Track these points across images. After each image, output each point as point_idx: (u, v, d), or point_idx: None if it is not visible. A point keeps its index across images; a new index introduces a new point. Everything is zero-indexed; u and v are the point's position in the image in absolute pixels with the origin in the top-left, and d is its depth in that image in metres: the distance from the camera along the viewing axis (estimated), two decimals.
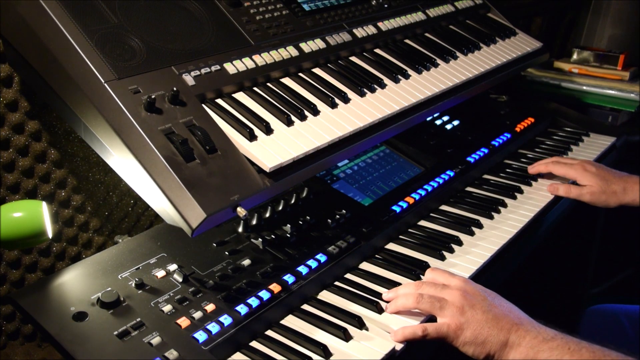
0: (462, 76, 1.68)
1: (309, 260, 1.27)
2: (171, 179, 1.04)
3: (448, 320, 1.10)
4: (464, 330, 1.08)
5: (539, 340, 1.04)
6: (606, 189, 1.60)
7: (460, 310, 1.10)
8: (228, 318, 1.09)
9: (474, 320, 1.08)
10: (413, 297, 1.15)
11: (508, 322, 1.08)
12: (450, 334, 1.10)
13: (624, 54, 2.45)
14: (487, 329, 1.07)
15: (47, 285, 1.10)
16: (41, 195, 1.38)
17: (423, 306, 1.13)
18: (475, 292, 1.14)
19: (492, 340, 1.07)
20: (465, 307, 1.10)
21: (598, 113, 2.32)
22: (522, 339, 1.06)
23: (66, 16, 1.12)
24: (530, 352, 1.03)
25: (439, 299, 1.13)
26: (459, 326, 1.09)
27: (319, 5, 1.59)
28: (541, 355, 1.02)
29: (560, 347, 1.02)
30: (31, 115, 1.32)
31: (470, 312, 1.09)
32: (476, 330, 1.08)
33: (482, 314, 1.09)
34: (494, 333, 1.07)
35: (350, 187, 1.57)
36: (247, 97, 1.29)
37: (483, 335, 1.07)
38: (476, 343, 1.08)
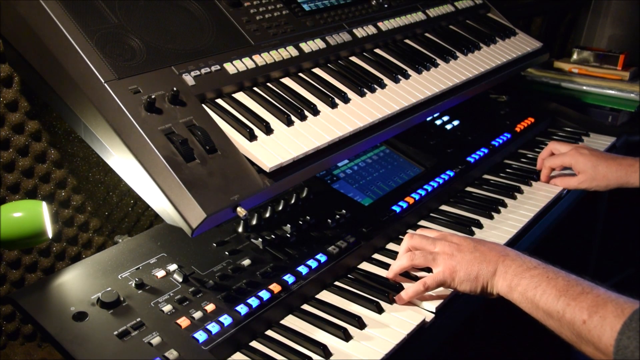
0: (462, 76, 1.68)
1: (309, 260, 1.27)
2: (171, 179, 1.04)
3: (442, 267, 1.21)
4: (458, 272, 1.19)
5: (522, 269, 1.14)
6: (596, 174, 1.65)
7: (450, 256, 1.21)
8: (228, 318, 1.09)
9: (463, 261, 1.19)
10: (406, 256, 1.25)
11: (494, 255, 1.18)
12: (446, 279, 1.20)
13: (624, 54, 2.45)
14: (476, 265, 1.18)
15: (47, 285, 1.10)
16: (41, 195, 1.38)
17: (417, 261, 1.24)
18: (459, 238, 1.25)
19: (483, 274, 1.17)
20: (454, 252, 1.21)
21: (598, 113, 2.32)
22: (509, 267, 1.15)
23: (66, 16, 1.12)
24: (515, 279, 1.13)
25: (430, 252, 1.24)
26: (452, 269, 1.20)
27: (319, 5, 1.59)
28: (523, 281, 1.12)
29: (540, 274, 1.11)
30: (31, 115, 1.32)
31: (459, 255, 1.20)
32: (468, 269, 1.18)
33: (470, 253, 1.20)
34: (483, 267, 1.18)
35: (350, 187, 1.57)
36: (247, 97, 1.29)
37: (474, 271, 1.18)
38: (470, 279, 1.18)
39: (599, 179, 1.65)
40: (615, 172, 1.63)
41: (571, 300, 1.04)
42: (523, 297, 1.12)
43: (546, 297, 1.07)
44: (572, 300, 1.04)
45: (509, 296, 1.15)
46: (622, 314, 0.97)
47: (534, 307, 1.10)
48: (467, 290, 1.19)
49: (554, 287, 1.08)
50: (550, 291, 1.08)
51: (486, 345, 2.38)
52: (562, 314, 1.04)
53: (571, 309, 1.03)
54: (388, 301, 1.23)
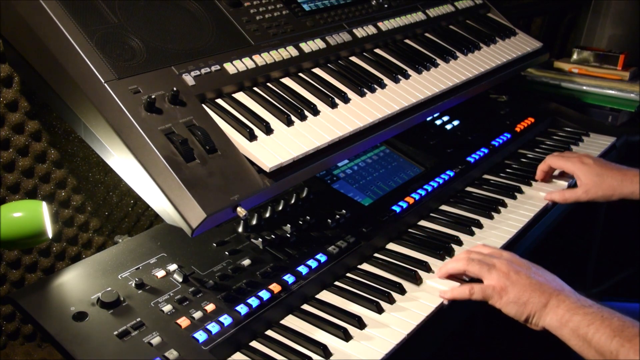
0: (462, 76, 1.68)
1: (309, 260, 1.27)
2: (171, 179, 1.04)
3: (494, 282, 1.19)
4: (508, 292, 1.17)
5: (576, 306, 1.12)
6: (601, 184, 1.59)
7: (506, 275, 1.19)
8: (228, 318, 1.09)
9: (518, 284, 1.17)
10: (464, 260, 1.24)
11: (550, 287, 1.16)
12: (494, 295, 1.18)
13: (624, 54, 2.45)
14: (529, 292, 1.16)
15: (47, 285, 1.10)
16: (41, 195, 1.38)
17: (472, 268, 1.22)
18: (521, 262, 1.23)
19: (533, 302, 1.15)
20: (511, 273, 1.19)
21: (598, 113, 2.32)
22: (562, 302, 1.13)
23: (66, 16, 1.12)
24: (566, 315, 1.11)
25: (487, 263, 1.22)
26: (504, 288, 1.17)
27: (319, 5, 1.59)
28: (575, 318, 1.10)
29: (594, 313, 1.09)
30: (31, 115, 1.32)
31: (515, 276, 1.18)
32: (519, 292, 1.16)
33: (526, 279, 1.18)
34: (535, 295, 1.15)
35: (350, 187, 1.57)
36: (247, 97, 1.29)
37: (525, 297, 1.15)
38: (518, 303, 1.16)
39: (605, 188, 1.59)
40: (620, 183, 1.58)
41: (626, 342, 1.02)
42: (574, 334, 1.09)
43: (599, 335, 1.05)
44: (627, 342, 1.02)
45: (559, 331, 1.12)
46: None
47: (586, 345, 1.07)
48: (512, 313, 1.17)
49: (608, 327, 1.05)
50: (604, 330, 1.05)
51: (486, 346, 2.38)
52: (616, 354, 1.02)
53: (625, 350, 1.01)
54: (388, 301, 1.23)
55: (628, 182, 1.57)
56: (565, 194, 1.64)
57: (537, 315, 1.15)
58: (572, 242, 2.38)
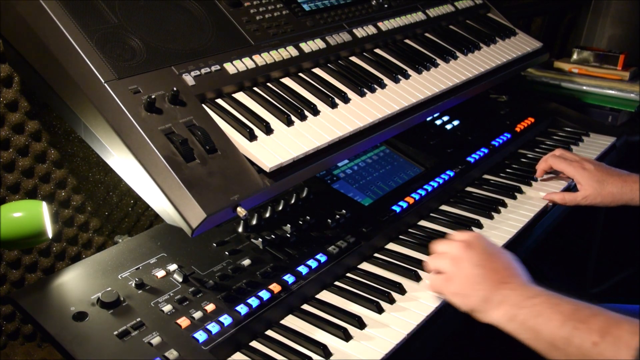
0: (462, 76, 1.68)
1: (309, 260, 1.27)
2: (171, 179, 1.04)
3: (443, 269, 1.16)
4: (454, 282, 1.13)
5: (522, 298, 1.06)
6: (601, 191, 1.58)
7: (454, 261, 1.15)
8: (228, 318, 1.09)
9: (461, 274, 1.13)
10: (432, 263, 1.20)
11: (495, 280, 1.10)
12: (442, 286, 1.16)
13: (624, 54, 2.45)
14: (470, 285, 1.11)
15: (47, 285, 1.10)
16: (41, 195, 1.38)
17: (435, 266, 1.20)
18: (477, 246, 1.16)
19: (475, 295, 1.10)
20: (458, 260, 1.14)
21: (598, 113, 2.32)
22: (507, 297, 1.07)
23: (66, 16, 1.12)
24: (512, 310, 1.05)
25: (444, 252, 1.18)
26: (449, 277, 1.14)
27: (319, 5, 1.59)
28: (523, 310, 1.04)
29: (541, 303, 1.03)
30: (31, 115, 1.32)
31: (460, 265, 1.14)
32: (462, 284, 1.12)
33: (471, 268, 1.12)
34: (476, 289, 1.10)
35: (350, 187, 1.57)
36: (247, 97, 1.29)
37: (467, 289, 1.11)
38: (461, 295, 1.12)
39: (605, 194, 1.58)
40: (621, 189, 1.56)
41: (579, 324, 0.97)
42: (523, 327, 1.03)
43: (550, 324, 0.99)
44: (580, 324, 0.97)
45: (506, 327, 1.06)
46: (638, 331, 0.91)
47: (536, 337, 1.02)
48: (459, 304, 1.13)
49: (559, 313, 1.00)
50: (554, 317, 1.00)
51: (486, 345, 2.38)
52: (569, 339, 0.97)
53: (580, 332, 0.96)
54: (388, 301, 1.23)
55: (628, 189, 1.56)
56: (565, 196, 1.63)
57: (480, 310, 1.09)
58: (572, 242, 2.38)
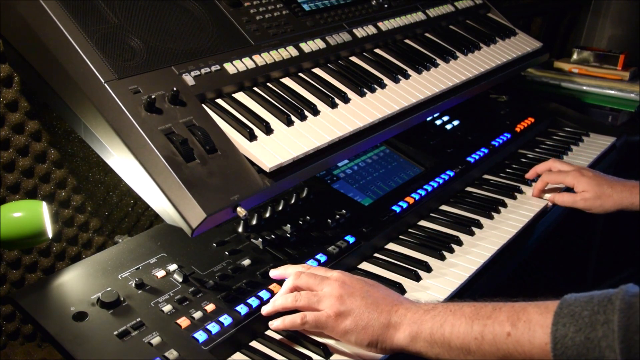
0: (462, 76, 1.68)
1: (309, 260, 1.27)
2: (171, 179, 1.04)
3: (328, 310, 1.07)
4: (345, 319, 1.06)
5: (419, 314, 1.04)
6: (601, 194, 1.58)
7: (339, 299, 1.07)
8: (228, 318, 1.09)
9: (353, 307, 1.06)
10: (291, 296, 1.11)
11: (387, 303, 1.07)
12: (330, 323, 1.06)
13: (624, 54, 2.45)
14: (367, 314, 1.05)
15: (47, 285, 1.10)
16: (41, 195, 1.38)
17: (300, 303, 1.10)
18: (352, 281, 1.11)
19: (373, 324, 1.05)
20: (344, 296, 1.07)
21: (598, 113, 2.32)
22: (403, 316, 1.04)
23: (66, 16, 1.12)
24: (413, 327, 1.03)
25: (315, 294, 1.10)
26: (339, 314, 1.06)
27: (319, 5, 1.59)
28: (425, 325, 1.02)
29: (442, 312, 1.02)
30: (31, 115, 1.32)
31: (349, 300, 1.07)
32: (357, 317, 1.05)
33: (361, 299, 1.07)
34: (374, 317, 1.05)
35: (350, 187, 1.57)
36: (247, 97, 1.29)
37: (364, 320, 1.05)
38: (357, 329, 1.05)
39: (604, 197, 1.57)
40: (620, 193, 1.56)
41: (486, 320, 0.96)
42: (430, 342, 1.01)
43: (457, 329, 0.98)
44: (487, 320, 0.96)
45: (413, 347, 1.03)
46: (546, 310, 0.91)
47: (447, 348, 0.99)
48: (352, 341, 1.06)
49: (463, 316, 0.99)
50: (460, 321, 0.98)
51: None
52: (481, 338, 0.95)
53: (490, 327, 0.95)
54: None
55: (627, 194, 1.56)
56: (564, 196, 1.63)
57: (381, 339, 1.04)
58: (572, 242, 2.38)
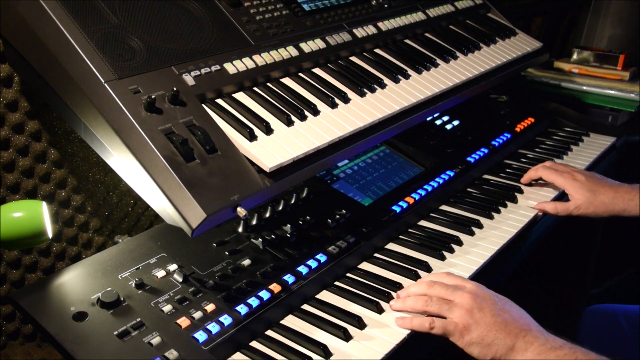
0: (462, 76, 1.68)
1: (309, 260, 1.27)
2: (171, 179, 1.04)
3: (456, 319, 1.11)
4: (471, 331, 1.10)
5: (546, 348, 1.05)
6: (593, 200, 1.57)
7: (469, 312, 1.11)
8: (228, 318, 1.09)
9: (482, 322, 1.10)
10: (422, 300, 1.16)
11: (516, 327, 1.09)
12: (456, 333, 1.11)
13: (624, 54, 2.46)
14: (494, 332, 1.08)
15: (47, 285, 1.10)
16: (41, 195, 1.38)
17: (431, 309, 1.14)
18: (485, 296, 1.15)
19: (498, 343, 1.08)
20: (475, 310, 1.11)
21: (598, 113, 2.32)
22: (530, 344, 1.06)
23: (66, 16, 1.12)
24: (538, 357, 1.04)
25: (447, 302, 1.14)
26: (466, 327, 1.10)
27: (319, 5, 1.59)
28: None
29: (567, 355, 1.02)
30: (31, 115, 1.32)
31: (479, 314, 1.10)
32: (483, 332, 1.09)
33: (491, 317, 1.10)
34: (501, 336, 1.08)
35: (350, 187, 1.57)
36: (247, 97, 1.29)
37: (490, 337, 1.08)
38: (482, 344, 1.09)
39: (597, 204, 1.57)
40: (612, 200, 1.56)
41: None
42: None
43: None
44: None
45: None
46: None
47: None
48: (475, 354, 1.10)
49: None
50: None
51: None
52: None
53: None
54: (388, 301, 1.23)
55: (620, 199, 1.55)
56: (558, 206, 1.61)
57: (502, 358, 1.08)
58: (572, 242, 2.38)
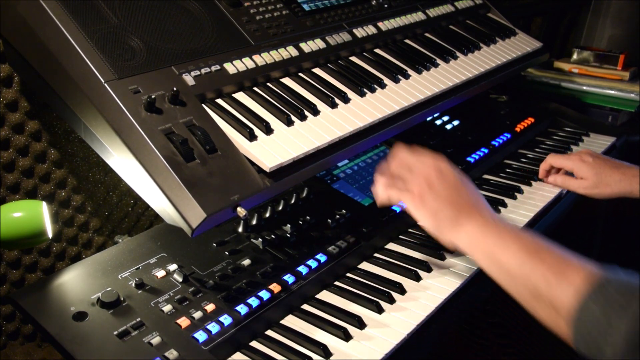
0: (462, 76, 1.68)
1: (309, 260, 1.27)
2: (171, 179, 1.04)
3: (415, 190, 1.17)
4: (425, 202, 1.15)
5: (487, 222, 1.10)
6: (599, 183, 1.61)
7: (430, 184, 1.16)
8: (228, 318, 1.09)
9: (437, 195, 1.15)
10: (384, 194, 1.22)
11: (468, 204, 1.14)
12: (411, 203, 1.17)
13: (624, 54, 2.45)
14: (445, 206, 1.14)
15: (47, 285, 1.10)
16: (41, 195, 1.38)
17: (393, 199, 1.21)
18: (447, 170, 1.19)
19: (447, 216, 1.13)
20: (432, 178, 1.17)
21: (598, 113, 2.31)
22: (474, 220, 1.11)
23: (66, 16, 1.12)
24: (478, 235, 1.09)
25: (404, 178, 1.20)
26: (422, 197, 1.16)
27: (319, 5, 1.59)
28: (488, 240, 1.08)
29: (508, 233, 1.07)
30: (31, 115, 1.32)
31: (435, 187, 1.16)
32: (435, 204, 1.14)
33: (445, 190, 1.15)
34: (450, 211, 1.13)
35: (350, 187, 1.57)
36: (247, 97, 1.29)
37: (440, 210, 1.14)
38: (433, 216, 1.15)
39: (602, 187, 1.60)
40: (619, 182, 1.58)
41: (537, 261, 1.01)
42: (484, 255, 1.08)
43: (509, 256, 1.04)
44: (538, 261, 1.01)
45: (468, 252, 1.12)
46: (592, 279, 0.93)
47: (494, 265, 1.07)
48: (427, 226, 1.17)
49: (520, 249, 1.04)
50: (515, 251, 1.04)
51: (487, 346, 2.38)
52: (525, 273, 1.01)
53: (535, 268, 1.00)
54: (388, 301, 1.23)
55: (627, 182, 1.57)
56: (567, 180, 1.67)
57: (448, 233, 1.13)
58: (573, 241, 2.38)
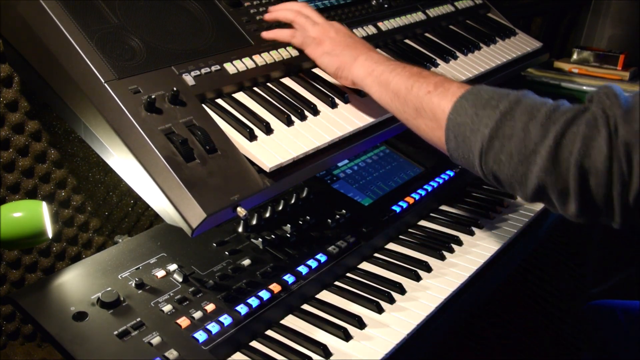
0: (462, 76, 1.68)
1: (309, 260, 1.27)
2: (171, 179, 1.04)
3: (313, 35, 1.32)
4: (324, 44, 1.31)
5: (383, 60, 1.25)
6: None
7: (326, 31, 1.33)
8: (228, 318, 1.09)
9: (334, 40, 1.31)
10: (288, 33, 1.36)
11: (364, 48, 1.30)
12: (312, 44, 1.32)
13: (624, 54, 2.45)
14: (342, 47, 1.30)
15: (47, 285, 1.10)
16: (41, 195, 1.38)
17: (296, 41, 1.35)
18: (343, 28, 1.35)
19: (345, 54, 1.29)
20: (331, 30, 1.33)
21: None
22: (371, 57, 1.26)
23: (66, 16, 1.12)
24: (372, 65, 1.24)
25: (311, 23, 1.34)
26: (321, 40, 1.32)
27: (319, 5, 1.59)
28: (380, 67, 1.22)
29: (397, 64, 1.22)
30: (31, 115, 1.32)
31: (334, 34, 1.32)
32: (334, 45, 1.30)
33: (342, 37, 1.32)
34: (347, 50, 1.29)
35: (350, 187, 1.57)
36: (247, 97, 1.29)
37: (338, 50, 1.30)
38: (332, 55, 1.30)
39: None
40: None
41: (421, 78, 1.14)
42: (376, 81, 1.22)
43: (398, 78, 1.17)
44: (422, 78, 1.14)
45: (363, 82, 1.25)
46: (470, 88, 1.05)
47: (384, 89, 1.20)
48: (325, 63, 1.31)
49: (409, 72, 1.18)
50: (403, 73, 1.17)
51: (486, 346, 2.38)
52: (410, 89, 1.14)
53: (419, 84, 1.13)
54: (388, 301, 1.23)
55: None
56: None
57: (347, 68, 1.28)
58: (572, 242, 2.38)
